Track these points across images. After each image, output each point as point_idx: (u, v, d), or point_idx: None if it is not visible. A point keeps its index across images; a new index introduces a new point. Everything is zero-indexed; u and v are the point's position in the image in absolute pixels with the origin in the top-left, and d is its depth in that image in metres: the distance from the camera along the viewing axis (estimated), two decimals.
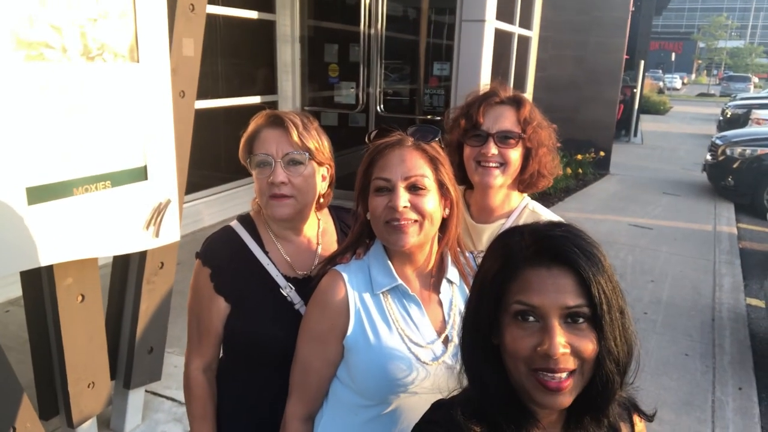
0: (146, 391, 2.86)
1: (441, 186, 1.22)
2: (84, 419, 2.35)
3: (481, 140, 1.56)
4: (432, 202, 1.19)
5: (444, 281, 1.28)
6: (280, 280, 1.38)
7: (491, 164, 1.55)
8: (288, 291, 1.37)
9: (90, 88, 1.96)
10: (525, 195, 1.70)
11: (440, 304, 1.27)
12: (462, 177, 1.66)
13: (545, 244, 0.88)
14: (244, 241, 1.40)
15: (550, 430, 0.93)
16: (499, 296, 0.89)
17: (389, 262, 1.24)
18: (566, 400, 0.85)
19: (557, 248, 0.86)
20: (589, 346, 0.84)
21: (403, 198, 1.16)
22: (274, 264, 1.39)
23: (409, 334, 1.21)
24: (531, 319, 0.85)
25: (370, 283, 1.23)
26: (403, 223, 1.16)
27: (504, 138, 1.54)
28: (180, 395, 2.98)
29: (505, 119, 1.55)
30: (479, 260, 1.36)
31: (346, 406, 1.26)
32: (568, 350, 0.83)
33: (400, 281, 1.22)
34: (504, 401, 0.90)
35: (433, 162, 1.21)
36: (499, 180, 1.56)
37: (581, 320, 0.84)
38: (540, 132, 1.58)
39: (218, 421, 1.45)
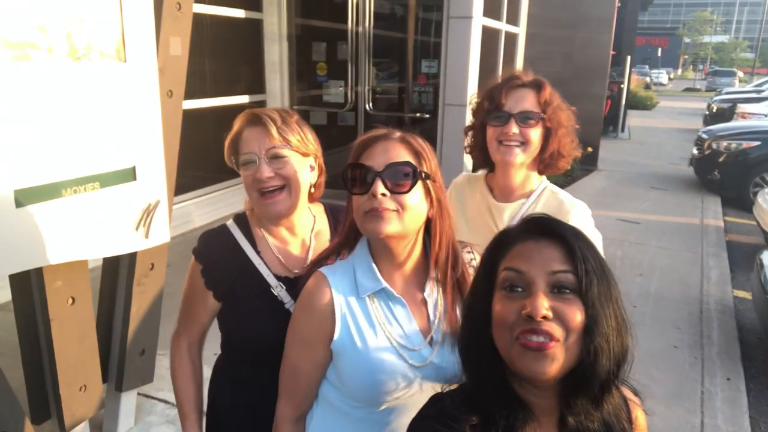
0: (138, 393, 2.85)
1: (424, 178, 1.17)
2: (76, 423, 2.33)
3: (503, 120, 1.63)
4: (413, 196, 1.15)
5: (429, 280, 1.24)
6: (271, 280, 1.38)
7: (512, 143, 1.62)
8: (279, 291, 1.37)
9: (77, 88, 1.94)
10: (543, 177, 1.77)
11: (425, 303, 1.24)
12: (485, 159, 1.73)
13: (535, 222, 0.94)
14: (237, 240, 1.41)
15: (545, 422, 0.92)
16: (492, 273, 0.92)
17: (374, 264, 1.21)
18: (550, 367, 0.84)
19: (546, 224, 0.92)
20: (575, 314, 0.85)
21: (381, 186, 1.13)
22: (265, 263, 1.40)
23: (397, 337, 1.19)
24: (519, 289, 0.88)
25: (355, 286, 1.20)
26: (381, 209, 1.12)
27: (525, 118, 1.62)
28: (172, 397, 2.96)
29: (526, 100, 1.63)
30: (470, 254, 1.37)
31: (336, 406, 1.25)
32: (551, 314, 0.84)
33: (385, 284, 1.19)
34: (499, 390, 0.91)
35: (417, 155, 1.18)
36: (520, 158, 1.63)
37: (567, 291, 0.86)
38: (560, 113, 1.65)
39: (215, 419, 1.47)
